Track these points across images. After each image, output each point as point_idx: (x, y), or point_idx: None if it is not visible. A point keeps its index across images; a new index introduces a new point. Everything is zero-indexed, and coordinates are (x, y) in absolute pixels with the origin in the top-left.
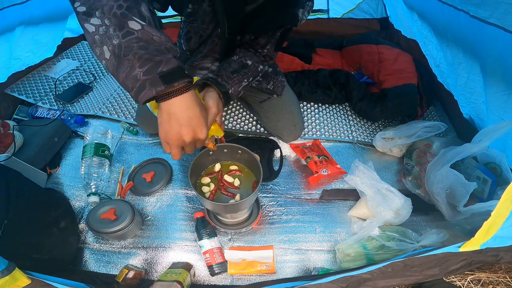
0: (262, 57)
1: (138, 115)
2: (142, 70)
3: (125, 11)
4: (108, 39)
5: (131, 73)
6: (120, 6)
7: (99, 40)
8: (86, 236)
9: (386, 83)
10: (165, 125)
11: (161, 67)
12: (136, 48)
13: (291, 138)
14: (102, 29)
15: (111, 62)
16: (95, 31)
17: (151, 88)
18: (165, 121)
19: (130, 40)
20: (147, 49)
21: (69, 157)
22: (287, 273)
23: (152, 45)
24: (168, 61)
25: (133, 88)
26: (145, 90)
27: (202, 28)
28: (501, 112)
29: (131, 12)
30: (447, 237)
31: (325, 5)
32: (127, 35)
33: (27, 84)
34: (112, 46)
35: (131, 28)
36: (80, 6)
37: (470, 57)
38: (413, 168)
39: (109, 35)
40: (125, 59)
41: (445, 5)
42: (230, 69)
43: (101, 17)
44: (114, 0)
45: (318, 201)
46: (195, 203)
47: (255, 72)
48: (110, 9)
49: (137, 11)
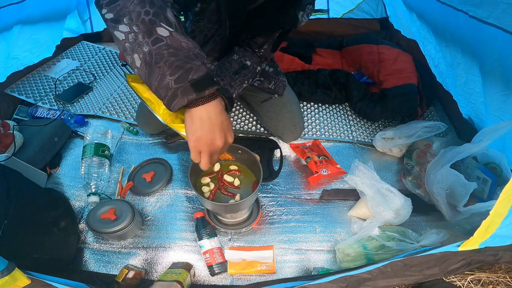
0: (258, 58)
1: (138, 115)
2: (173, 78)
3: (152, 18)
4: (139, 47)
5: (163, 82)
6: (147, 13)
7: (130, 48)
8: (86, 236)
9: (386, 83)
10: (198, 132)
11: (191, 74)
12: (167, 55)
13: (291, 138)
14: (131, 36)
15: (143, 71)
16: (125, 39)
17: (182, 97)
18: (197, 128)
19: (160, 47)
20: (177, 56)
21: (69, 157)
22: (287, 273)
23: (181, 52)
24: (198, 68)
25: (166, 96)
26: (177, 98)
27: (208, 27)
28: (500, 112)
29: (158, 18)
30: (447, 237)
31: (325, 5)
32: (156, 42)
33: (27, 84)
34: (143, 54)
35: (159, 35)
36: (108, 13)
37: (469, 57)
38: (413, 168)
39: (139, 42)
40: (156, 67)
41: (444, 6)
42: (232, 69)
43: (129, 24)
44: (141, 6)
45: (318, 201)
46: (195, 203)
47: (253, 74)
48: (138, 15)
49: (163, 17)
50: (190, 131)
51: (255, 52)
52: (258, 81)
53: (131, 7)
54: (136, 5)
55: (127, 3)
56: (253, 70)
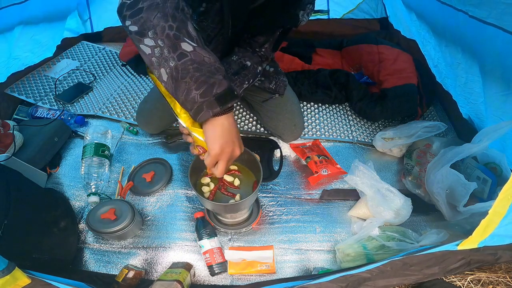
0: (259, 57)
1: (138, 115)
2: (198, 92)
3: (176, 32)
4: (165, 61)
5: (189, 96)
6: (171, 27)
7: (157, 62)
8: (86, 236)
9: (386, 83)
10: (220, 140)
11: (215, 89)
12: (192, 70)
13: (291, 138)
14: (157, 51)
15: (169, 85)
16: (151, 53)
17: (208, 110)
18: (219, 136)
19: (185, 62)
20: (201, 71)
21: (69, 157)
22: (287, 273)
23: (205, 67)
24: (221, 82)
25: (192, 109)
26: (203, 111)
27: (211, 27)
28: (500, 112)
29: (181, 33)
30: (447, 237)
31: (325, 5)
32: (181, 57)
33: (27, 84)
34: (169, 69)
35: (184, 50)
36: (132, 25)
37: (469, 57)
38: (413, 168)
39: (165, 57)
40: (182, 82)
41: (444, 5)
42: (231, 70)
43: (154, 38)
44: (164, 21)
45: (318, 201)
46: (195, 203)
47: (254, 74)
48: (162, 30)
49: (185, 31)
50: (212, 138)
51: (256, 51)
52: (259, 81)
53: (155, 21)
54: (160, 19)
55: (151, 17)
56: (254, 70)
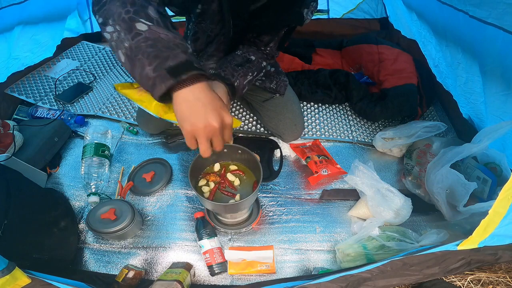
0: (264, 55)
1: (138, 115)
2: (151, 67)
3: (132, 15)
4: (121, 43)
5: (143, 72)
6: (128, 12)
7: (115, 45)
8: (86, 236)
9: (386, 83)
10: (188, 116)
11: (168, 62)
12: (145, 47)
13: (291, 138)
14: (115, 35)
15: (127, 65)
16: (110, 38)
17: (161, 84)
18: (186, 111)
19: (139, 41)
20: (155, 47)
21: (69, 157)
22: (287, 273)
23: (160, 43)
24: (176, 55)
25: (147, 87)
26: (156, 87)
27: (211, 27)
28: (500, 112)
29: (138, 15)
30: (447, 237)
31: (325, 5)
32: (135, 37)
33: (27, 84)
34: (124, 49)
35: (138, 30)
36: (99, 18)
37: (469, 57)
38: (413, 168)
39: (121, 39)
40: (136, 59)
41: (444, 5)
42: (235, 62)
43: (113, 24)
44: (122, 7)
45: (318, 201)
46: (195, 203)
47: (259, 68)
48: (119, 15)
49: (144, 14)
50: (180, 116)
51: (261, 49)
52: (259, 80)
53: (114, 8)
54: (118, 7)
55: (112, 6)
56: (258, 64)
